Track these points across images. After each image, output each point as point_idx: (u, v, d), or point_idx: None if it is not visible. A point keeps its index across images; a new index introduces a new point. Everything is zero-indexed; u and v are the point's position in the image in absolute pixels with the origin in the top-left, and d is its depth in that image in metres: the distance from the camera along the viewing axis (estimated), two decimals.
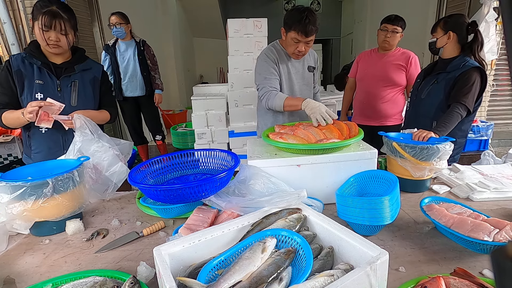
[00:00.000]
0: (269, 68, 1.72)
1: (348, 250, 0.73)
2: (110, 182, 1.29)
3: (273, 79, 1.71)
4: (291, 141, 1.23)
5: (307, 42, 1.64)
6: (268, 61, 1.73)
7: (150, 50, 3.42)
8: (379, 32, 2.34)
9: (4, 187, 1.00)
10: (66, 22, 1.39)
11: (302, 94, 1.85)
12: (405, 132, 1.49)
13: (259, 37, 3.36)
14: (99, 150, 1.29)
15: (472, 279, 0.71)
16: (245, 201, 0.98)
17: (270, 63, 1.72)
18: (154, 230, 1.09)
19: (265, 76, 1.72)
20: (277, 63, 1.74)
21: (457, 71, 1.67)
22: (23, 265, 0.94)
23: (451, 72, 1.70)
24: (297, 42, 1.63)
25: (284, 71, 1.78)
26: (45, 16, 1.34)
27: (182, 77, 7.34)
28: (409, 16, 4.37)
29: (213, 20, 7.64)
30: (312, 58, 1.90)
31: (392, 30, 2.26)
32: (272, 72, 1.72)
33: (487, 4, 3.24)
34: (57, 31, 1.38)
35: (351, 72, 2.66)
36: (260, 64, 1.76)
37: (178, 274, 0.72)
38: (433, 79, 1.79)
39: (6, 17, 3.04)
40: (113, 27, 3.17)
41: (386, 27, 2.28)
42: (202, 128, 3.53)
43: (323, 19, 8.90)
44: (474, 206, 1.09)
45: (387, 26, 2.27)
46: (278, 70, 1.74)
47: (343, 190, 1.12)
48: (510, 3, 0.24)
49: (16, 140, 3.18)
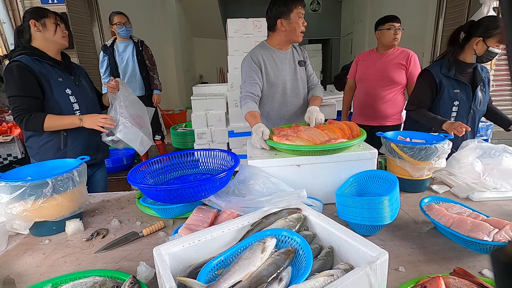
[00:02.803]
0: (250, 73, 1.72)
1: (348, 250, 0.73)
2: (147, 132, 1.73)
3: (251, 84, 1.71)
4: (298, 142, 1.22)
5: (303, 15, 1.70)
6: (251, 64, 1.73)
7: (149, 50, 3.42)
8: (385, 32, 2.31)
9: (4, 187, 1.00)
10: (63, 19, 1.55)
11: (296, 90, 1.84)
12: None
13: (259, 37, 3.36)
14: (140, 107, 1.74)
15: (471, 279, 0.71)
16: (245, 201, 0.98)
17: (253, 67, 1.73)
18: (154, 230, 1.09)
19: (244, 80, 1.75)
20: (262, 67, 1.74)
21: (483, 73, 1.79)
22: (22, 265, 0.94)
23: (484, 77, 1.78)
24: (301, 17, 1.68)
25: (274, 71, 1.77)
26: (53, 13, 1.51)
27: (182, 77, 7.33)
28: (409, 16, 4.39)
29: (213, 20, 7.64)
30: (300, 52, 1.89)
31: (398, 28, 2.29)
32: (252, 77, 1.72)
33: (487, 4, 3.24)
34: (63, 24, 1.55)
35: (350, 73, 2.65)
36: (243, 67, 1.78)
37: (178, 274, 0.72)
38: (482, 88, 1.79)
39: (6, 17, 3.04)
40: (121, 27, 3.14)
41: (393, 25, 2.28)
42: (202, 128, 3.53)
43: (323, 19, 8.91)
44: (474, 206, 1.09)
45: (393, 24, 2.28)
46: (261, 74, 1.75)
47: (343, 190, 1.12)
48: (510, 3, 0.24)
49: (16, 140, 3.18)
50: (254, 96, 1.69)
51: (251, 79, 1.72)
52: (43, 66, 1.47)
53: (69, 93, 1.53)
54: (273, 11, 1.70)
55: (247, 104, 1.64)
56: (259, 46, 1.81)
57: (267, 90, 1.79)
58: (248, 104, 1.63)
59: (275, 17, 1.70)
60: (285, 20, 1.68)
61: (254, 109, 1.61)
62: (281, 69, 1.79)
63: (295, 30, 1.69)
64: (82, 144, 1.59)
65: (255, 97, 1.69)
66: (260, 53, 1.75)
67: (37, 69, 1.43)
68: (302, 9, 1.67)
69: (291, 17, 1.66)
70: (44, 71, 1.46)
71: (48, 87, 1.46)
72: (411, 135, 1.42)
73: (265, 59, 1.75)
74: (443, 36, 3.94)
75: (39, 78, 1.43)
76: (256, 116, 1.56)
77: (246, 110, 1.61)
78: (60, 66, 1.54)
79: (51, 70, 1.49)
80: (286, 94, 1.81)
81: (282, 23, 1.69)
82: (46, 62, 1.49)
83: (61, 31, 1.52)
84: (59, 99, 1.49)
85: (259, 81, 1.73)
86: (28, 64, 1.42)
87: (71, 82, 1.57)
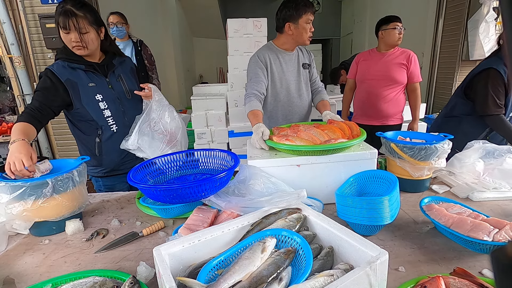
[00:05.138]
0: (256, 70, 1.74)
1: (348, 250, 0.73)
2: (178, 144, 1.56)
3: (257, 81, 1.72)
4: (298, 143, 1.22)
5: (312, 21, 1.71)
6: (257, 62, 1.74)
7: (148, 50, 3.41)
8: (390, 32, 2.32)
9: (3, 187, 1.00)
10: (82, 20, 1.31)
11: (299, 92, 1.85)
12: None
13: (258, 37, 3.36)
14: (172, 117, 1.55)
15: (471, 279, 0.71)
16: (244, 201, 0.98)
17: (259, 65, 1.74)
18: (154, 230, 1.09)
19: (250, 78, 1.75)
20: (268, 66, 1.75)
21: None
22: (22, 265, 0.94)
23: None
24: (309, 23, 1.68)
25: (278, 71, 1.78)
26: (60, 17, 1.29)
27: (182, 77, 7.33)
28: (409, 16, 4.39)
29: (213, 20, 7.63)
30: (305, 55, 1.90)
31: (401, 27, 2.31)
32: (257, 74, 1.73)
33: (486, 4, 3.24)
34: (75, 31, 1.31)
35: (350, 73, 2.65)
36: (249, 65, 1.79)
37: (178, 274, 0.72)
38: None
39: (6, 17, 3.04)
40: (113, 27, 3.15)
41: (397, 25, 2.30)
42: (202, 128, 3.53)
43: (323, 19, 8.90)
44: (474, 206, 1.09)
45: (397, 24, 2.30)
46: (267, 73, 1.76)
47: (343, 190, 1.12)
48: (510, 3, 0.24)
49: None
50: (259, 94, 1.69)
51: (257, 76, 1.72)
52: (75, 72, 1.41)
53: (99, 99, 1.45)
54: (282, 13, 1.71)
55: (250, 102, 1.64)
56: (266, 46, 1.82)
57: (271, 90, 1.80)
58: (252, 103, 1.63)
59: (283, 19, 1.70)
60: (293, 24, 1.69)
61: (257, 108, 1.61)
62: (285, 70, 1.80)
63: (302, 35, 1.70)
64: (117, 153, 1.53)
65: (260, 95, 1.70)
66: (267, 53, 1.77)
67: (65, 77, 1.37)
68: (311, 15, 1.67)
69: (299, 22, 1.67)
70: (73, 78, 1.39)
71: (76, 95, 1.40)
72: (411, 135, 1.42)
73: (271, 59, 1.76)
74: (443, 36, 3.94)
75: (65, 87, 1.37)
76: (257, 115, 1.56)
77: (249, 108, 1.62)
78: (94, 70, 1.45)
79: (82, 76, 1.42)
80: (289, 95, 1.82)
81: (290, 26, 1.70)
82: (78, 67, 1.41)
83: (69, 40, 1.33)
84: (87, 106, 1.43)
85: (264, 79, 1.74)
86: (58, 72, 1.37)
87: (105, 86, 1.48)
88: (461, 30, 3.55)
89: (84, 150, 1.54)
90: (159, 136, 1.47)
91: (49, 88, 1.36)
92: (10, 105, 3.58)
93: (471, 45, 3.46)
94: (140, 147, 1.44)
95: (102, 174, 1.59)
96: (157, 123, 1.48)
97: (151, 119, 1.46)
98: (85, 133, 1.51)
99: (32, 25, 3.13)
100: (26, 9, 3.08)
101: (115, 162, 1.57)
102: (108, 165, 1.57)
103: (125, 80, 1.55)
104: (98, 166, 1.56)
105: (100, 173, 1.58)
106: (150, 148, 1.44)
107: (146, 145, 1.43)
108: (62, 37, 1.34)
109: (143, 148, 1.44)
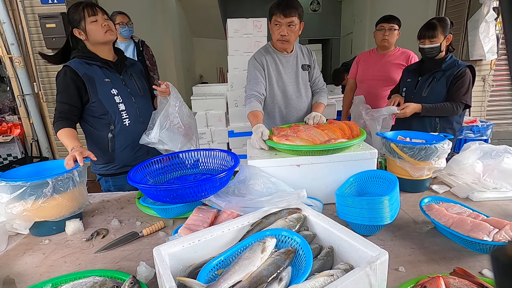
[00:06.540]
0: (254, 71, 1.75)
1: (348, 250, 0.73)
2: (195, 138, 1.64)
3: (256, 83, 1.72)
4: (298, 143, 1.22)
5: (288, 24, 1.62)
6: (255, 64, 1.75)
7: (149, 51, 3.41)
8: (376, 33, 2.39)
9: (4, 187, 1.00)
10: (100, 8, 1.44)
11: (297, 94, 1.84)
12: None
13: (258, 37, 3.36)
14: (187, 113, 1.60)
15: (471, 279, 0.72)
16: (244, 201, 0.98)
17: (257, 66, 1.75)
18: (153, 230, 1.09)
19: (249, 79, 1.76)
20: (265, 67, 1.76)
21: (453, 69, 1.84)
22: (22, 265, 0.94)
23: (447, 70, 1.85)
24: (278, 25, 1.64)
25: (275, 73, 1.78)
26: (87, 8, 1.39)
27: (182, 77, 7.32)
28: (409, 16, 4.39)
29: (213, 20, 7.63)
30: (306, 56, 1.87)
31: (389, 28, 2.30)
32: (256, 75, 1.74)
33: (486, 4, 3.24)
34: (102, 14, 1.43)
35: (350, 73, 2.66)
36: (248, 68, 1.80)
37: (178, 274, 0.72)
38: (431, 78, 1.91)
39: (6, 17, 3.04)
40: (124, 26, 3.11)
41: (382, 26, 2.33)
42: (202, 128, 3.53)
43: (322, 19, 8.90)
44: (474, 206, 1.10)
45: (383, 25, 2.32)
46: (264, 74, 1.76)
47: (343, 190, 1.12)
48: (510, 3, 0.24)
49: (15, 140, 3.18)
50: (258, 95, 1.70)
51: (256, 78, 1.74)
52: (91, 68, 1.45)
53: (114, 93, 1.50)
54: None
55: (250, 103, 1.65)
56: (263, 48, 1.82)
57: (268, 92, 1.80)
58: (252, 104, 1.64)
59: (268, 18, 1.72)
60: (270, 24, 1.71)
61: (257, 108, 1.61)
62: (283, 72, 1.80)
63: (274, 36, 1.71)
64: (130, 147, 1.56)
65: (260, 96, 1.71)
66: (264, 56, 1.77)
67: (83, 71, 1.42)
68: (280, 17, 1.61)
69: (271, 23, 1.68)
70: (90, 73, 1.44)
71: (93, 88, 1.44)
72: (411, 135, 1.42)
73: (268, 62, 1.76)
74: None
75: (83, 81, 1.42)
76: (257, 116, 1.56)
77: (249, 109, 1.63)
78: (109, 67, 1.51)
79: (98, 72, 1.47)
80: (287, 97, 1.82)
81: (271, 27, 1.72)
82: (95, 64, 1.47)
83: (100, 26, 1.41)
84: (103, 99, 1.46)
85: (263, 80, 1.75)
86: (76, 67, 1.41)
87: (119, 82, 1.53)
88: (461, 30, 3.55)
89: (95, 148, 1.54)
90: (178, 130, 1.54)
91: (70, 87, 1.41)
92: (10, 105, 3.58)
93: (471, 45, 3.46)
94: (162, 140, 1.49)
95: (114, 171, 1.58)
96: (175, 117, 1.54)
97: (169, 114, 1.52)
98: (97, 130, 1.52)
99: (32, 25, 3.13)
100: (26, 9, 3.08)
101: (127, 157, 1.56)
102: (120, 161, 1.56)
103: (136, 79, 1.62)
104: (110, 162, 1.56)
105: (112, 170, 1.57)
106: (171, 141, 1.51)
107: (167, 138, 1.50)
108: (89, 30, 1.40)
109: (165, 141, 1.49)
